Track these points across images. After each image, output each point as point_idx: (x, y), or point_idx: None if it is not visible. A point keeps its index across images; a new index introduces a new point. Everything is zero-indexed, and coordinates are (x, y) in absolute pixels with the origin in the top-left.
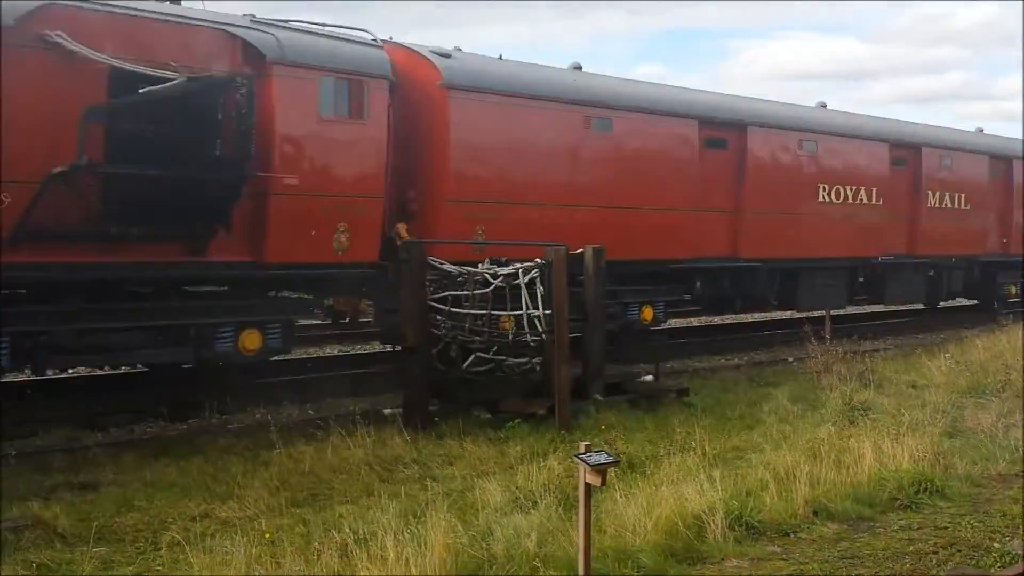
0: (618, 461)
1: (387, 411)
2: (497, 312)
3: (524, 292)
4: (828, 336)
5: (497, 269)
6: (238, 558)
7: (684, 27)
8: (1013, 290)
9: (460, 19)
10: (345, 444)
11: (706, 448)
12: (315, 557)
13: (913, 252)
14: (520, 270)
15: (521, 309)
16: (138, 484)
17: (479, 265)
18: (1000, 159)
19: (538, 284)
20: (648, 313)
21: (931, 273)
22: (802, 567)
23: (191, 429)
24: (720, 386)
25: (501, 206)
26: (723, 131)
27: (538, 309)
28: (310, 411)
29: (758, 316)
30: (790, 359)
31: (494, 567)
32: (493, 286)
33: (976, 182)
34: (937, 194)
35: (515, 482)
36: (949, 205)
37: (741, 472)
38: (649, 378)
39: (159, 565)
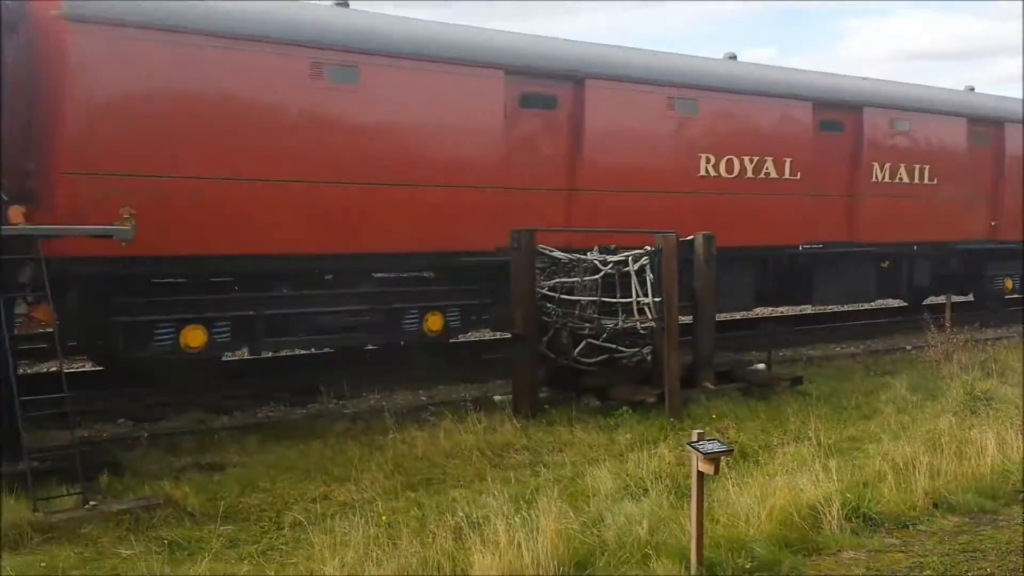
0: (731, 450)
1: (497, 398)
2: (607, 299)
3: (634, 279)
4: (949, 324)
5: (607, 256)
6: (356, 539)
7: (796, 7)
8: (1009, 284)
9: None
10: (457, 430)
11: (821, 438)
12: (430, 540)
13: (854, 238)
14: (630, 257)
15: (631, 296)
16: (261, 466)
17: (588, 252)
18: (985, 123)
19: (648, 271)
20: None
21: (884, 265)
22: (921, 560)
23: (310, 414)
24: (836, 375)
25: (165, 183)
26: (549, 87)
27: (648, 296)
28: (423, 397)
29: (876, 303)
30: (908, 347)
31: (605, 554)
32: (603, 273)
33: (948, 151)
34: (887, 166)
35: (625, 469)
36: (906, 180)
37: (858, 463)
38: (761, 366)
39: (282, 544)
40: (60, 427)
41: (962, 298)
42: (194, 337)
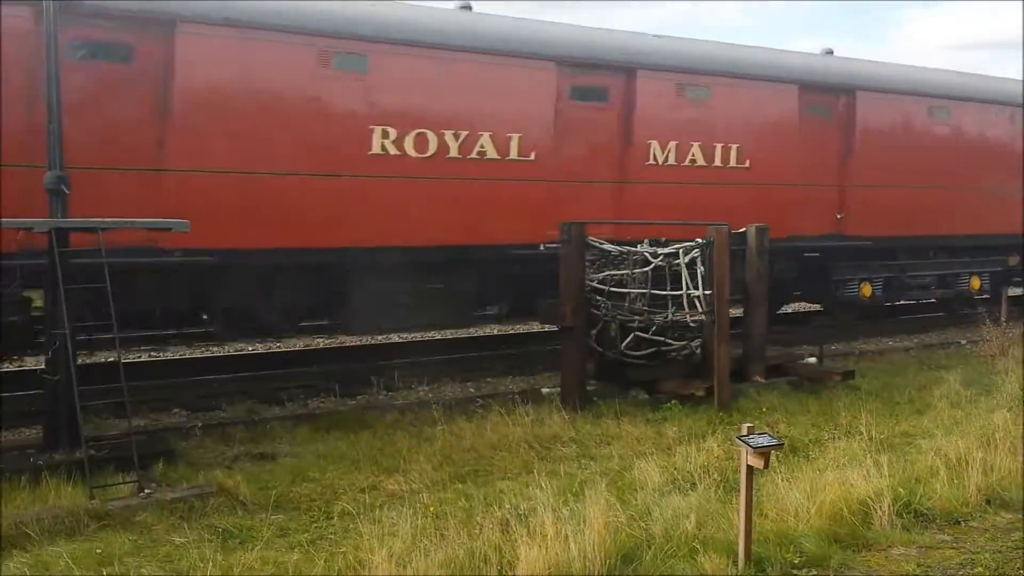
0: (781, 444)
1: (545, 390)
2: (657, 292)
3: (684, 272)
4: (1004, 318)
5: (657, 249)
6: (404, 529)
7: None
8: (868, 289)
9: None
10: (504, 422)
11: (873, 433)
12: (477, 531)
13: (621, 235)
14: (680, 249)
15: (681, 289)
16: (312, 456)
17: (638, 245)
18: (827, 91)
19: (698, 263)
20: None
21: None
22: (973, 556)
23: (360, 405)
24: (888, 369)
25: None
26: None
27: (698, 289)
28: (471, 389)
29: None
30: (963, 341)
31: (652, 547)
32: (653, 265)
33: (770, 126)
34: (673, 145)
35: (673, 463)
36: (702, 162)
37: (910, 458)
38: (813, 360)
39: (331, 533)
40: (117, 416)
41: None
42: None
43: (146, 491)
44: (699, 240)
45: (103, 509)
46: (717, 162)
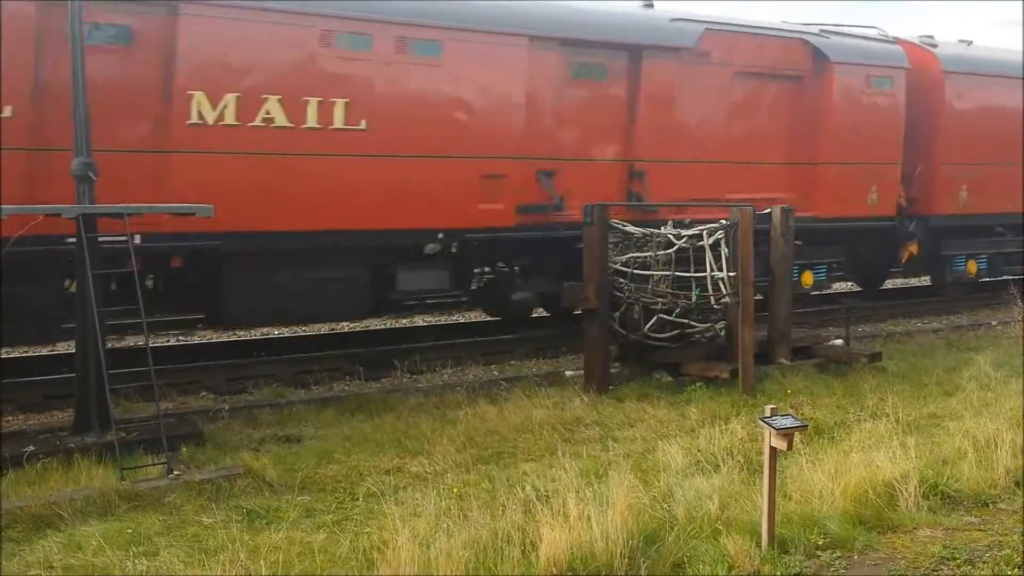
0: (805, 425)
1: (568, 373)
2: (680, 274)
3: (708, 253)
4: None
5: (681, 230)
6: (428, 510)
7: None
8: (974, 267)
9: None
10: (528, 405)
11: (899, 415)
12: (500, 512)
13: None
14: (705, 231)
15: (705, 271)
16: (337, 438)
17: (662, 227)
18: (599, 49)
19: (723, 245)
20: None
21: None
22: (1001, 539)
23: (384, 388)
24: (916, 351)
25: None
26: None
27: (722, 271)
28: (494, 372)
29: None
30: (993, 322)
31: (675, 528)
32: (676, 247)
33: (477, 83)
34: (227, 100)
35: (696, 445)
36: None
37: (937, 440)
38: (839, 342)
39: (356, 514)
40: (145, 399)
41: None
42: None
43: (175, 473)
44: (723, 221)
45: (133, 490)
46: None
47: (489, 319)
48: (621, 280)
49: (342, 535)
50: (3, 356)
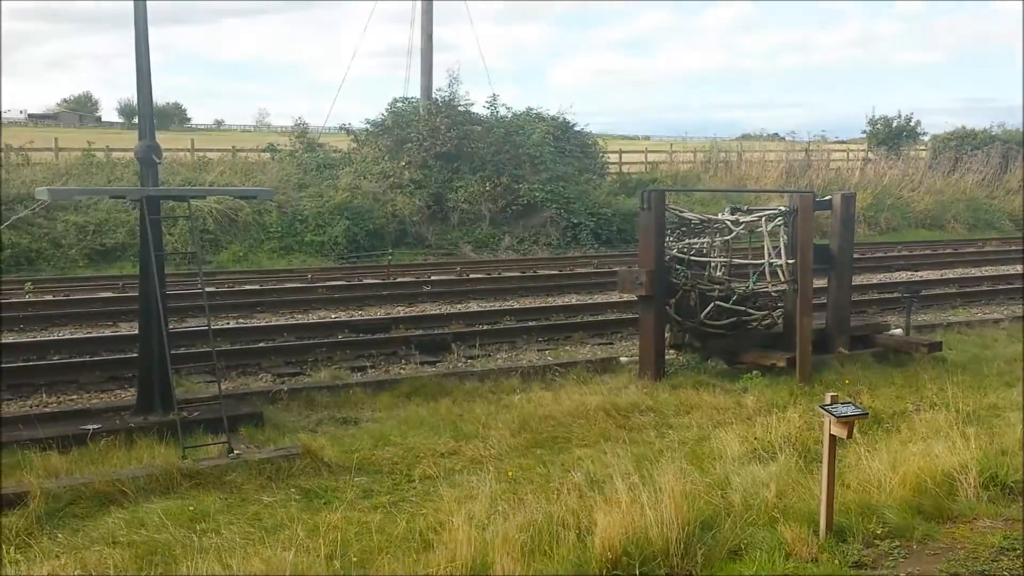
0: (866, 413)
1: (623, 359)
2: (738, 261)
3: (766, 240)
4: None
5: (739, 216)
6: (483, 493)
7: None
8: None
9: None
10: (581, 391)
11: (959, 405)
12: (554, 496)
13: None
14: (763, 217)
15: (763, 258)
16: (393, 421)
17: (720, 213)
18: None
19: (781, 232)
20: None
21: None
22: None
23: (439, 372)
24: (977, 341)
25: None
26: None
27: (780, 258)
28: (548, 357)
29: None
30: None
31: (731, 515)
32: (734, 234)
33: None
34: None
35: (753, 433)
36: None
37: (997, 431)
38: (898, 331)
39: (412, 496)
40: (207, 381)
41: None
42: None
43: (235, 452)
44: (782, 208)
45: (194, 468)
46: None
47: (544, 304)
48: (677, 267)
49: (399, 516)
50: (67, 337)
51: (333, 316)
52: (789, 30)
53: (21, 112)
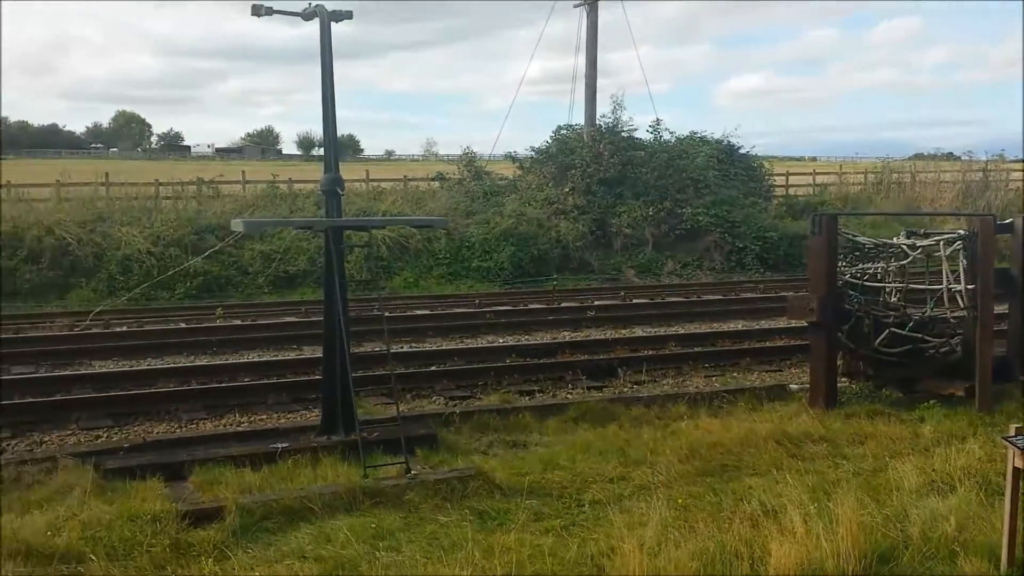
0: None
1: (793, 387)
2: (916, 286)
3: (945, 265)
4: None
5: (916, 240)
6: (654, 519)
7: None
8: None
9: None
10: (751, 418)
11: None
12: (727, 525)
13: None
14: (942, 242)
15: (940, 284)
16: (561, 445)
17: (895, 237)
18: None
19: (960, 256)
20: None
21: None
22: None
23: (606, 397)
24: None
25: None
26: None
27: (960, 283)
28: (715, 383)
29: None
30: None
31: (910, 548)
32: (911, 258)
33: None
34: None
35: (931, 464)
36: None
37: None
38: None
39: (583, 520)
40: (384, 403)
41: None
42: None
43: (412, 472)
44: (961, 232)
45: (376, 487)
46: None
47: (709, 329)
48: (850, 292)
49: (570, 540)
50: (255, 360)
51: (501, 341)
52: (961, 43)
53: (209, 146)
